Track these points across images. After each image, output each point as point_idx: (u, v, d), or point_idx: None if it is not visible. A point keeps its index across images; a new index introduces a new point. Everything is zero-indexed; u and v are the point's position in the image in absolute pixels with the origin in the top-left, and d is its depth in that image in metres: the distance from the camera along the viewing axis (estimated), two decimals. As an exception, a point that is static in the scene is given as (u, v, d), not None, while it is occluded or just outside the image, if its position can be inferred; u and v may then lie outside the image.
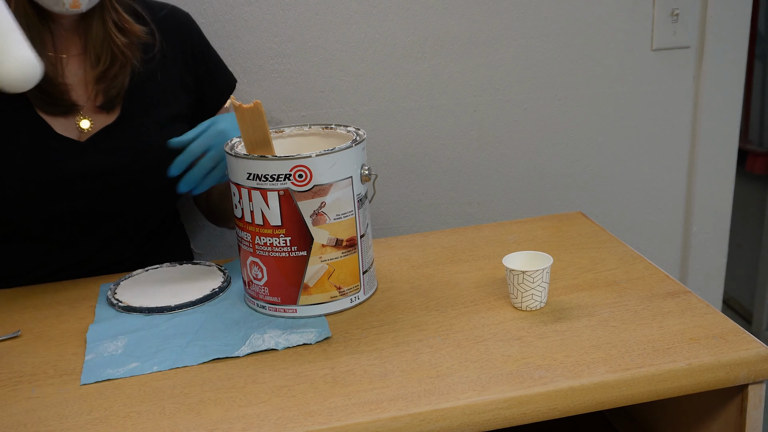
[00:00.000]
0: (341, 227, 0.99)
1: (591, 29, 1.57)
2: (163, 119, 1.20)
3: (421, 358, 0.89)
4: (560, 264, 1.12)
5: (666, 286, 1.03)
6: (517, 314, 0.98)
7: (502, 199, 1.65)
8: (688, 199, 1.73)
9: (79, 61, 1.16)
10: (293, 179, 0.95)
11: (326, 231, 0.98)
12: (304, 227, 0.97)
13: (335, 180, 0.97)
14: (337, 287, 1.01)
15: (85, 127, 1.15)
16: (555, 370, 0.85)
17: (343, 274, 1.01)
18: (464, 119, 1.57)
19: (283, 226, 0.97)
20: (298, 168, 0.95)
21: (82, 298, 1.11)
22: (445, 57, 1.52)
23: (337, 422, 0.78)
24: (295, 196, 0.96)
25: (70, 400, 0.85)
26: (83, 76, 1.16)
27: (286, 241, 0.97)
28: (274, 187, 0.95)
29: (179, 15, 1.27)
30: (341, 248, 1.00)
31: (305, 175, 0.95)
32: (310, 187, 0.96)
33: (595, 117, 1.63)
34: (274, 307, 1.01)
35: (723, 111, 1.66)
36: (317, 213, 0.97)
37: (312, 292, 1.00)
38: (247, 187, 0.97)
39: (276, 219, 0.97)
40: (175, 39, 1.24)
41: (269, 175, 0.95)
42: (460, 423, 0.80)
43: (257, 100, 0.99)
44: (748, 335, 0.90)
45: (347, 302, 1.02)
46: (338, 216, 0.98)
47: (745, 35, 1.62)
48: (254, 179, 0.96)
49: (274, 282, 1.00)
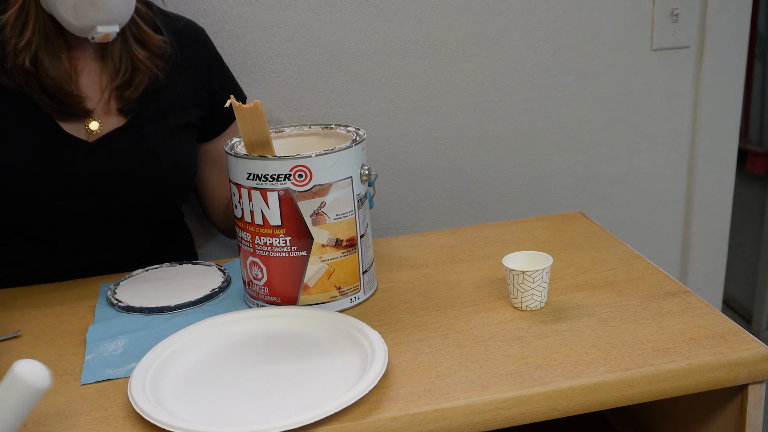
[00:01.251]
0: (341, 227, 0.99)
1: (591, 29, 1.57)
2: (172, 126, 1.20)
3: (421, 358, 0.89)
4: (560, 264, 1.12)
5: (666, 286, 1.03)
6: (517, 314, 0.98)
7: (502, 199, 1.65)
8: (688, 199, 1.73)
9: (95, 67, 1.16)
10: (293, 179, 0.95)
11: (326, 231, 0.98)
12: (304, 227, 0.97)
13: (335, 180, 0.97)
14: (337, 287, 1.01)
15: (93, 129, 1.15)
16: (555, 370, 0.85)
17: (343, 274, 1.01)
18: (464, 119, 1.57)
19: (283, 226, 0.97)
20: (298, 168, 0.95)
21: (82, 298, 1.11)
22: (445, 57, 1.52)
23: (337, 422, 0.78)
24: (295, 196, 0.96)
25: (70, 400, 0.85)
26: (99, 82, 1.16)
27: (286, 241, 0.97)
28: (274, 187, 0.95)
29: (196, 29, 1.28)
30: (341, 248, 1.00)
31: (305, 175, 0.95)
32: (310, 187, 0.96)
33: (595, 117, 1.63)
34: (274, 307, 1.01)
35: (723, 111, 1.66)
36: (317, 213, 0.97)
37: (312, 292, 1.00)
38: (247, 187, 0.97)
39: (276, 219, 0.97)
40: (191, 51, 1.24)
41: (269, 175, 0.95)
42: (460, 423, 0.80)
43: (257, 100, 0.99)
44: (748, 335, 0.90)
45: (347, 302, 1.02)
46: (338, 216, 0.98)
47: (745, 35, 1.62)
48: (254, 179, 0.96)
49: (274, 282, 1.00)
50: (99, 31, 1.04)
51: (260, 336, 0.96)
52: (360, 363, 0.87)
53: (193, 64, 1.24)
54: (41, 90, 1.10)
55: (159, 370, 0.88)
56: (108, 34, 1.05)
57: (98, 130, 1.15)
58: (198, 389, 0.86)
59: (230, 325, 0.97)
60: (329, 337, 0.94)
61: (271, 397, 0.83)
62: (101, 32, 1.04)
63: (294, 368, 0.88)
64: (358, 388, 0.80)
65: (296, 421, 0.75)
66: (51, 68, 1.09)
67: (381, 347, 0.87)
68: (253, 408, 0.81)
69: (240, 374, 0.88)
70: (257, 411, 0.80)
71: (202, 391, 0.85)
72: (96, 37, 1.05)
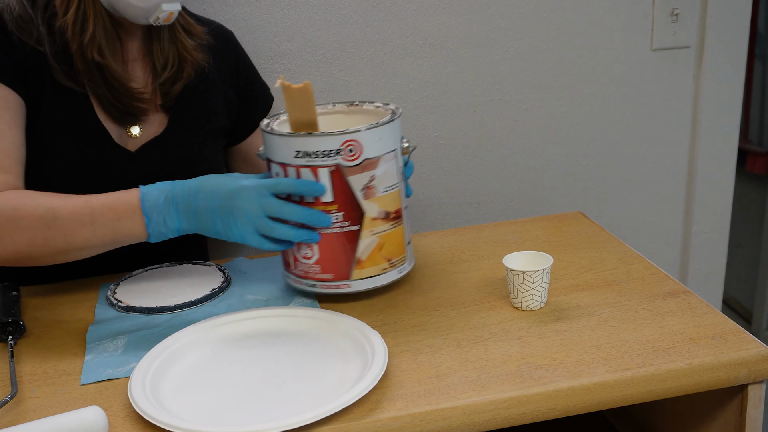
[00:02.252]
0: (389, 199, 1.00)
1: (591, 29, 1.57)
2: (206, 131, 1.22)
3: (421, 358, 0.89)
4: (560, 264, 1.12)
5: (666, 286, 1.03)
6: (517, 314, 0.98)
7: (502, 199, 1.65)
8: (688, 199, 1.73)
9: (143, 65, 1.17)
10: (344, 154, 0.95)
11: (376, 204, 0.99)
12: (355, 202, 0.98)
13: (383, 153, 0.98)
14: (387, 259, 1.02)
15: (134, 133, 1.16)
16: (555, 370, 0.85)
17: (392, 245, 1.02)
18: (464, 119, 1.57)
19: (335, 202, 0.97)
20: (349, 143, 0.95)
21: (82, 298, 1.11)
22: (445, 57, 1.52)
23: (336, 422, 0.78)
24: (346, 171, 0.96)
25: (70, 400, 0.85)
26: (147, 81, 1.17)
27: (338, 217, 0.98)
28: (324, 164, 0.96)
29: (226, 32, 1.29)
30: (389, 220, 1.01)
31: (355, 150, 0.96)
32: (360, 162, 0.96)
33: (594, 117, 1.63)
34: (326, 284, 1.01)
35: (723, 111, 1.66)
36: (367, 187, 0.98)
37: (365, 265, 1.01)
38: (295, 166, 0.97)
39: (328, 195, 0.97)
40: (222, 55, 1.25)
41: (320, 151, 0.95)
42: (460, 423, 0.80)
43: (307, 81, 0.99)
44: (748, 335, 0.90)
45: (395, 273, 1.04)
46: (386, 189, 1.00)
47: (745, 35, 1.62)
48: (304, 156, 0.96)
49: (327, 259, 1.00)
50: (164, 9, 1.05)
51: (260, 336, 0.96)
52: (360, 363, 0.87)
53: (223, 68, 1.25)
54: (107, 87, 1.11)
55: (159, 370, 0.88)
56: (171, 13, 1.06)
57: (138, 134, 1.16)
58: (198, 389, 0.86)
59: (230, 325, 0.97)
60: (329, 338, 0.94)
61: (270, 397, 0.83)
62: (166, 11, 1.05)
63: (294, 368, 0.88)
64: (358, 388, 0.80)
65: (296, 421, 0.75)
66: (113, 63, 1.10)
67: (381, 347, 0.87)
68: (252, 408, 0.81)
69: (240, 374, 0.88)
70: (257, 411, 0.80)
71: (202, 391, 0.85)
72: (160, 17, 1.06)
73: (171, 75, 1.16)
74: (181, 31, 1.16)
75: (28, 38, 1.08)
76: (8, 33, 1.08)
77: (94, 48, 1.08)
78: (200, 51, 1.18)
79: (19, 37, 1.08)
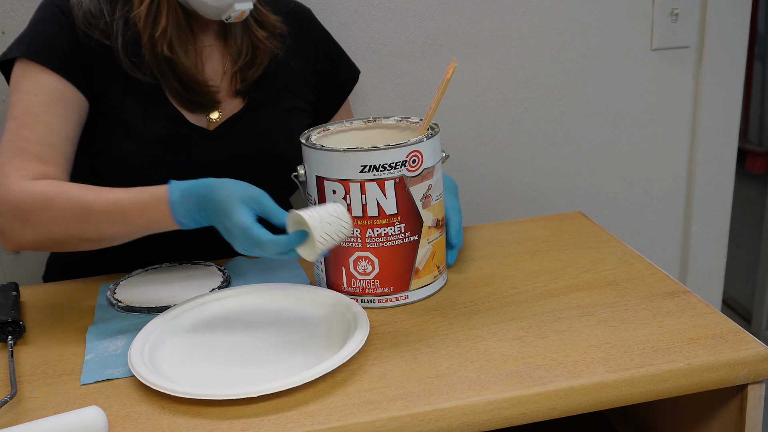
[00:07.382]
0: (438, 207, 1.02)
1: (591, 29, 1.57)
2: (283, 109, 1.23)
3: (421, 358, 0.89)
4: (560, 264, 1.12)
5: (666, 286, 1.03)
6: (517, 314, 0.98)
7: (502, 199, 1.65)
8: (687, 199, 1.73)
9: (217, 54, 1.18)
10: (408, 165, 0.97)
11: (431, 212, 1.01)
12: (416, 212, 0.99)
13: (436, 162, 1.01)
14: (437, 266, 1.04)
15: (214, 118, 1.17)
16: (555, 370, 0.85)
17: (440, 252, 1.04)
18: (464, 119, 1.57)
19: (398, 214, 0.98)
20: (413, 153, 0.96)
21: (82, 298, 1.11)
22: (445, 57, 1.52)
23: (336, 422, 0.78)
24: (408, 182, 0.97)
25: (70, 400, 0.85)
26: (221, 68, 1.18)
27: (400, 228, 0.99)
28: (391, 176, 0.96)
29: (303, 10, 1.30)
30: (438, 228, 1.03)
31: (418, 160, 0.97)
32: (420, 172, 0.98)
33: (595, 117, 1.63)
34: (385, 297, 1.01)
35: (723, 111, 1.66)
36: (426, 196, 0.99)
37: (421, 274, 1.02)
38: (360, 181, 0.96)
39: (392, 207, 0.98)
40: (300, 34, 1.26)
41: (387, 164, 0.96)
42: (460, 423, 0.80)
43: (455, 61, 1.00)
44: (747, 335, 0.90)
45: (442, 280, 1.06)
46: (438, 197, 1.02)
47: (745, 35, 1.63)
48: (370, 170, 0.96)
49: (387, 272, 1.00)
50: (236, 8, 1.06)
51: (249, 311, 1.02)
52: (343, 332, 0.93)
53: (302, 46, 1.26)
54: (176, 79, 1.12)
55: (156, 342, 0.93)
56: (243, 12, 1.07)
57: (218, 119, 1.17)
58: (193, 359, 0.91)
59: (223, 300, 1.03)
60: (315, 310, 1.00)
61: (259, 364, 0.89)
62: (238, 10, 1.06)
63: (281, 339, 0.94)
64: (342, 353, 0.86)
65: (281, 384, 0.81)
66: (183, 57, 1.11)
67: (363, 318, 0.93)
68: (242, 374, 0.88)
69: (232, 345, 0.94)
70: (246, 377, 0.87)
71: (196, 360, 0.91)
72: (232, 16, 1.07)
73: (245, 63, 1.17)
74: (253, 23, 1.17)
75: (93, 32, 1.09)
76: (74, 28, 1.08)
77: (164, 42, 1.08)
78: (274, 39, 1.19)
79: (85, 32, 1.09)
